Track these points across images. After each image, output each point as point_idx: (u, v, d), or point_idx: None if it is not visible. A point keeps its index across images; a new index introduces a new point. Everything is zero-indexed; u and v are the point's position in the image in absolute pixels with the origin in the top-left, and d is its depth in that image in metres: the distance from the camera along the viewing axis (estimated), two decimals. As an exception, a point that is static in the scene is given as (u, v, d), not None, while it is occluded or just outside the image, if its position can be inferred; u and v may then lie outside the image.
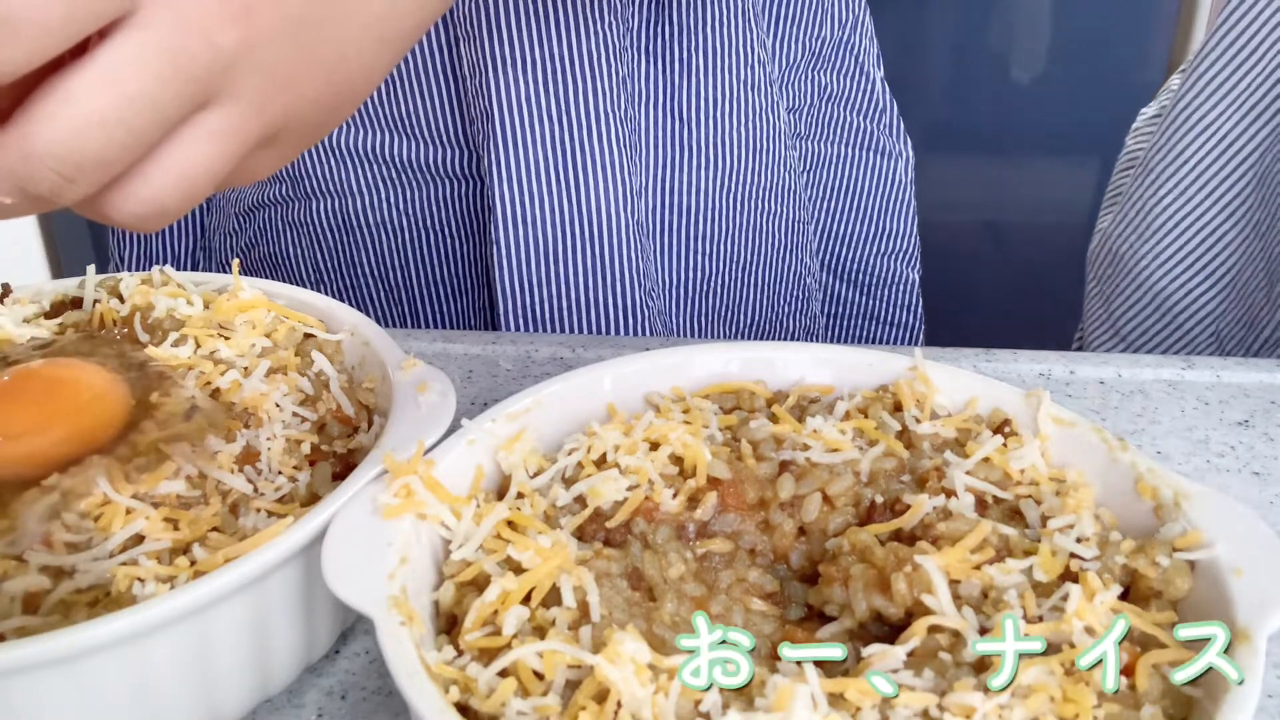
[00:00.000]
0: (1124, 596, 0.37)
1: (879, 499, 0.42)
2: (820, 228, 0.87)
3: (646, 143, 0.74)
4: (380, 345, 0.50)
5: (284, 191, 0.78)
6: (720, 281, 0.79)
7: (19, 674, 0.34)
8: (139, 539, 0.39)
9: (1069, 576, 0.36)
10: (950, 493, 0.40)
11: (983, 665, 0.33)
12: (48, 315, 0.53)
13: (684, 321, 0.79)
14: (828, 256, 0.88)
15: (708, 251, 0.78)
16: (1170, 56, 1.83)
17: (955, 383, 0.47)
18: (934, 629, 0.34)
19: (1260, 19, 0.76)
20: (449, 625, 0.37)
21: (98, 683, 0.35)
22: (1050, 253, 1.96)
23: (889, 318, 0.90)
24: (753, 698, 0.32)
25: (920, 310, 0.92)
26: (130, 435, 0.43)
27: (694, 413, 0.45)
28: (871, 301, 0.90)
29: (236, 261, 0.59)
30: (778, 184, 0.81)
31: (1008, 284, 1.94)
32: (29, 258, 2.09)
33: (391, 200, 0.75)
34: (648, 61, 0.73)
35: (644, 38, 0.72)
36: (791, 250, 0.84)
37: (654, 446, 0.43)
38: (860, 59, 0.86)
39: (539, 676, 0.33)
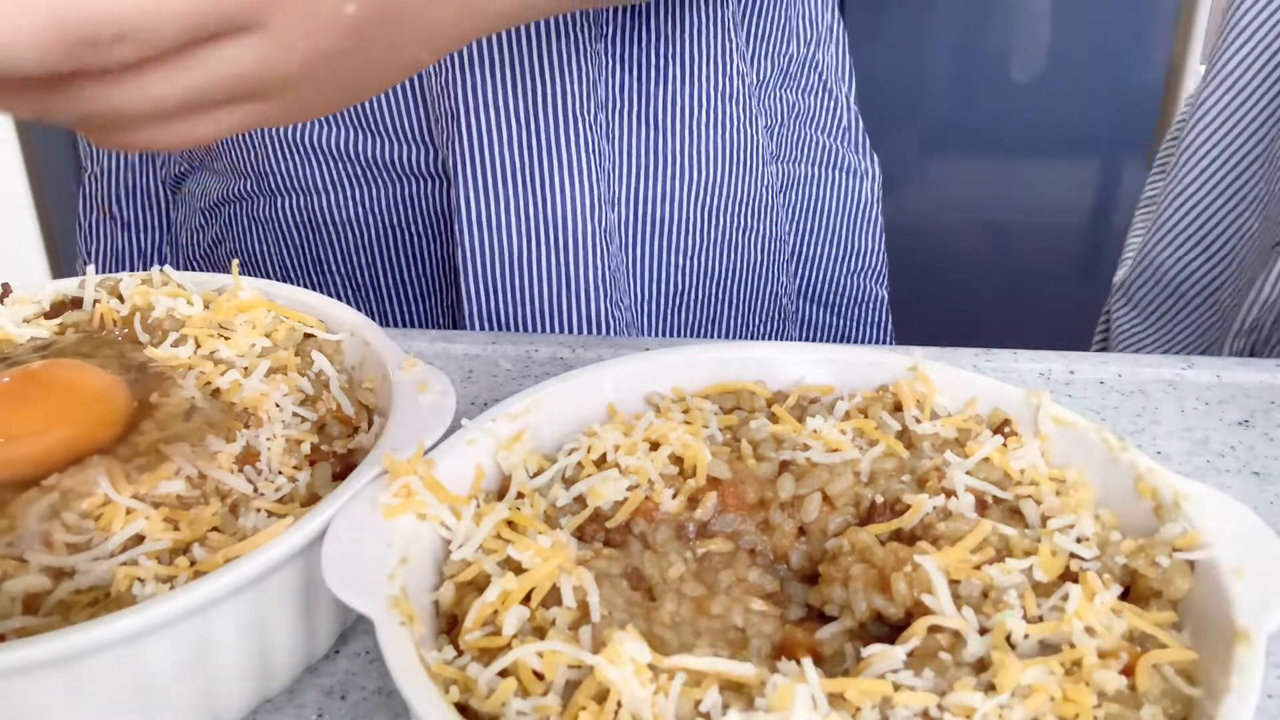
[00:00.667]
0: (1124, 596, 0.37)
1: (879, 499, 0.41)
2: (791, 249, 0.87)
3: (619, 150, 0.73)
4: (380, 345, 0.50)
5: (249, 187, 0.77)
6: (695, 296, 0.78)
7: (19, 674, 0.34)
8: (139, 539, 0.39)
9: (1069, 576, 0.36)
10: (950, 493, 0.40)
11: (983, 665, 0.33)
12: (48, 315, 0.53)
13: (656, 335, 0.78)
14: (798, 279, 0.88)
15: (681, 265, 0.77)
16: (1170, 57, 1.83)
17: (955, 382, 0.47)
18: (934, 629, 0.34)
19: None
20: (449, 625, 0.37)
21: (98, 683, 0.35)
22: (1050, 253, 1.96)
23: (860, 337, 0.90)
24: (753, 698, 0.32)
25: (890, 328, 0.91)
26: (130, 436, 0.43)
27: (694, 413, 0.45)
28: (842, 322, 0.89)
29: (235, 262, 0.59)
30: (755, 200, 0.80)
31: (1007, 284, 1.94)
32: (29, 258, 2.08)
33: (356, 198, 0.74)
34: (622, 69, 0.72)
35: (619, 44, 0.71)
36: (768, 269, 0.83)
37: (654, 446, 0.43)
38: (824, 76, 0.85)
39: (539, 676, 0.33)
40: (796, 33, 0.83)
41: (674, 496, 0.41)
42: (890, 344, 0.90)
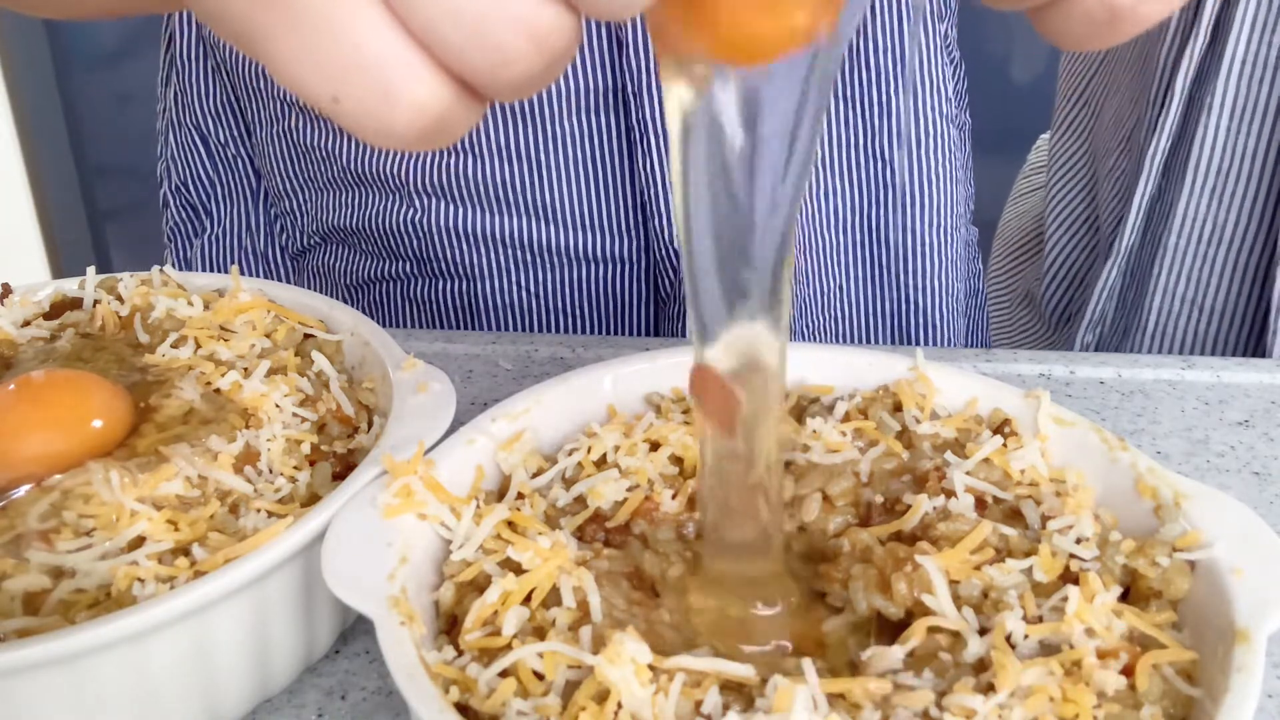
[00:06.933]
0: (1124, 597, 0.37)
1: (879, 499, 0.42)
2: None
3: (847, 184, 0.73)
4: (380, 345, 0.50)
5: (407, 269, 0.75)
6: (940, 309, 0.78)
7: (19, 674, 0.34)
8: (141, 540, 0.39)
9: (1069, 577, 0.36)
10: (950, 493, 0.40)
11: (982, 665, 0.33)
12: (47, 315, 0.53)
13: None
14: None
15: (923, 285, 0.76)
16: (1170, 57, 1.82)
17: (955, 383, 0.47)
18: (934, 629, 0.34)
19: None
20: (449, 625, 0.37)
21: (98, 683, 0.35)
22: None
23: (957, 276, 0.89)
24: (753, 698, 0.32)
25: (981, 261, 0.91)
26: (130, 438, 0.43)
27: (694, 413, 0.45)
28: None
29: (235, 266, 0.59)
30: (967, 208, 0.80)
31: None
32: (29, 258, 2.09)
33: (523, 282, 0.73)
34: (844, 105, 0.71)
35: (836, 83, 0.71)
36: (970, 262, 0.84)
37: (654, 447, 0.43)
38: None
39: (539, 677, 0.33)
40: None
41: (674, 497, 0.41)
42: (979, 282, 0.90)
